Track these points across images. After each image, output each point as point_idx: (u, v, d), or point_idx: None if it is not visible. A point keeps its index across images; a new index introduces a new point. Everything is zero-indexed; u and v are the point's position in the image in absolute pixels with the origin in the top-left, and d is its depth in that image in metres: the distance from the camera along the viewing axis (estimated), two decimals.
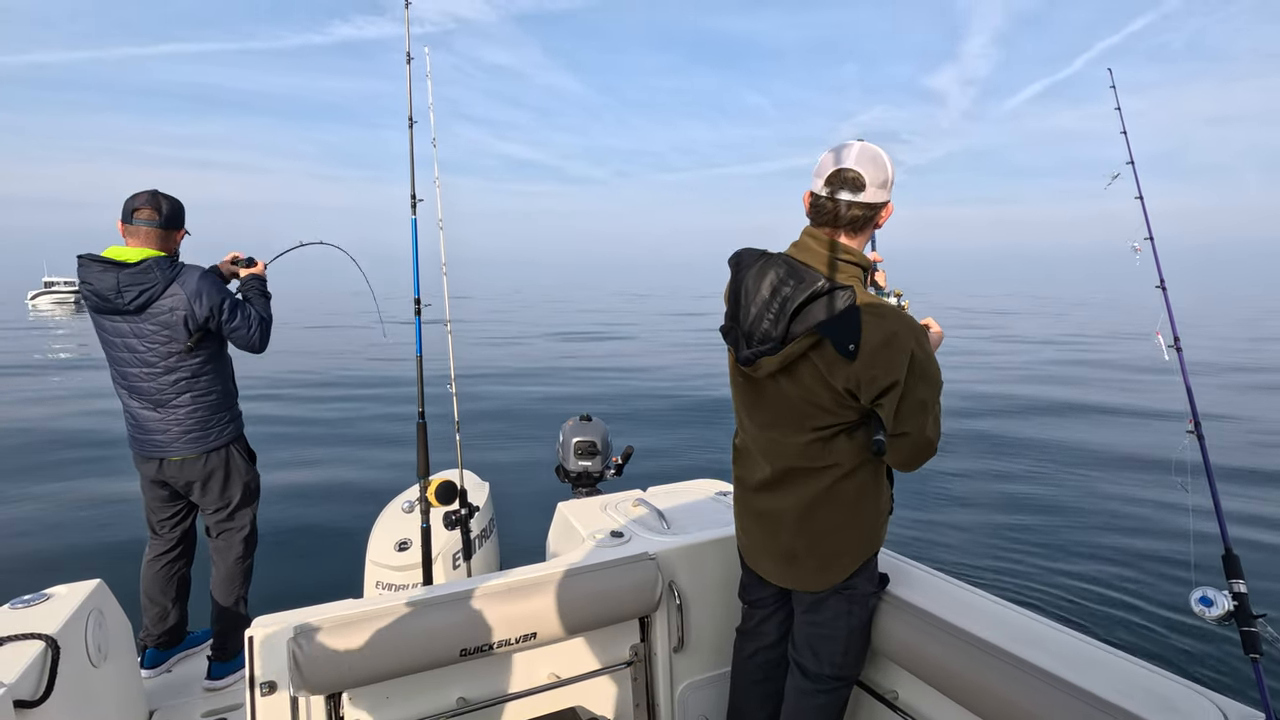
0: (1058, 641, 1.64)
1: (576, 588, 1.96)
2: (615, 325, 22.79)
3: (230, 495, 2.78)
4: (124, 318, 2.54)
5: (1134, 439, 8.36)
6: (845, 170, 1.57)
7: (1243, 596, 1.57)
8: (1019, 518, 5.93)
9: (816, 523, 1.72)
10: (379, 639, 1.74)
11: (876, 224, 1.65)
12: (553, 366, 15.60)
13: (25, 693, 1.61)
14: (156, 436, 2.63)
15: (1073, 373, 14.71)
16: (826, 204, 1.59)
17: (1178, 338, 2.03)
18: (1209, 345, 20.44)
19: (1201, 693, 1.43)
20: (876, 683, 2.02)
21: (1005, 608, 1.82)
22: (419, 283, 2.80)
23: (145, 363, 2.58)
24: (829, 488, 1.67)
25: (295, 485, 6.89)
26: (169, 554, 2.82)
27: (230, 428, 2.76)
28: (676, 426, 9.52)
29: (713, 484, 2.85)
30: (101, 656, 2.04)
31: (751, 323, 1.61)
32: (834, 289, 1.51)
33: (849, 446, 1.64)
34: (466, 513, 2.82)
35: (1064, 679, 1.48)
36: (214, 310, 2.60)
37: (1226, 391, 12.39)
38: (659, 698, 2.16)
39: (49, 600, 1.98)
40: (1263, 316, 34.97)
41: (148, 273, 2.51)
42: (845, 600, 1.79)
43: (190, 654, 2.93)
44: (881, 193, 1.59)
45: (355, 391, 12.22)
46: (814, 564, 1.76)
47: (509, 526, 3.80)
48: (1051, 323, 31.33)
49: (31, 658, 1.68)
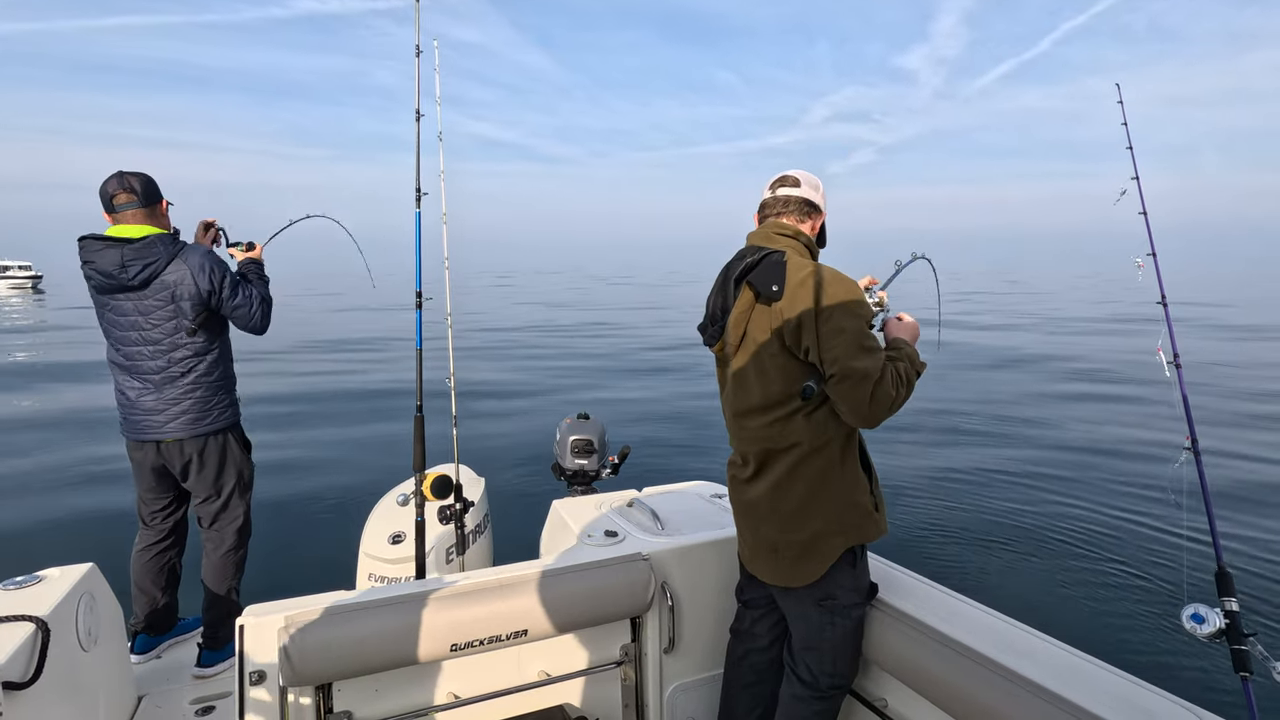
0: (1047, 652, 1.64)
1: (569, 586, 1.96)
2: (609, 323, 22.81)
3: (223, 483, 2.77)
4: (128, 295, 2.55)
5: (1131, 445, 8.36)
6: (786, 176, 1.94)
7: (1234, 615, 1.58)
8: (1013, 524, 5.94)
9: (785, 503, 1.77)
10: (370, 631, 1.74)
11: (814, 225, 1.91)
12: (542, 362, 15.58)
13: (14, 674, 1.61)
14: (154, 417, 2.62)
15: (1068, 368, 14.70)
16: (769, 200, 1.93)
17: (1177, 354, 2.03)
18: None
19: (1189, 708, 1.43)
20: (866, 690, 2.02)
21: (995, 617, 1.82)
22: (421, 275, 2.80)
23: (150, 340, 2.59)
24: (793, 467, 1.75)
25: (289, 474, 6.89)
26: (159, 544, 2.82)
27: (228, 413, 2.76)
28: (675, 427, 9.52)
29: (708, 486, 2.85)
30: (92, 640, 2.04)
31: (712, 306, 1.90)
32: (768, 254, 1.77)
33: (807, 426, 1.73)
34: (461, 507, 2.82)
35: (1051, 690, 1.48)
36: (216, 285, 2.61)
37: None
38: (648, 698, 2.16)
39: (41, 582, 1.98)
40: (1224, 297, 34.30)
41: (151, 248, 2.53)
42: (827, 613, 1.81)
43: (181, 641, 2.92)
44: (814, 194, 1.90)
45: (355, 382, 12.22)
46: (793, 554, 1.79)
47: (504, 523, 3.80)
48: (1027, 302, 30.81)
49: (21, 639, 1.68)
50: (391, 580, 2.90)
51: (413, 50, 2.77)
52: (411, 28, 2.80)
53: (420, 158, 2.77)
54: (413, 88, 2.77)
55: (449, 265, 2.93)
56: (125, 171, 2.61)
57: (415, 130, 2.78)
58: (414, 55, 2.77)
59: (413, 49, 2.77)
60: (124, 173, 2.60)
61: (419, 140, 2.77)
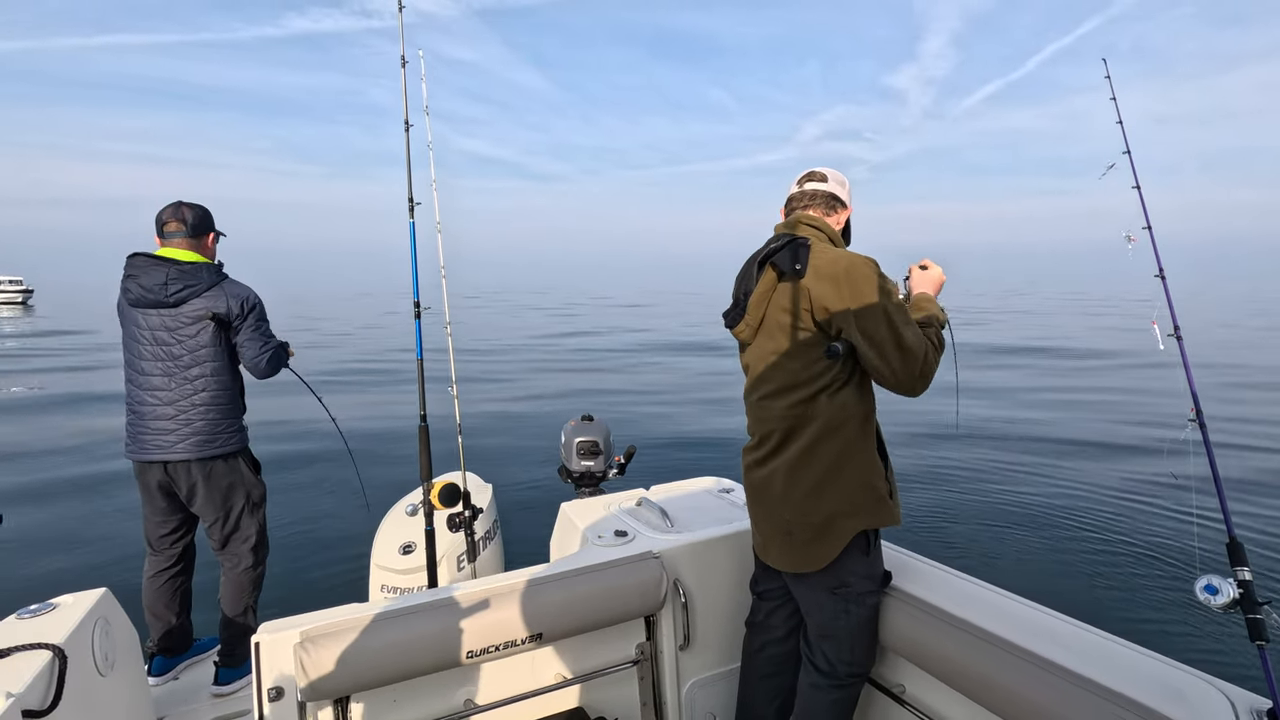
0: (1062, 632, 1.64)
1: (581, 587, 1.96)
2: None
3: (231, 505, 2.77)
4: (160, 311, 2.63)
5: (1134, 428, 8.36)
6: (813, 171, 1.97)
7: (1247, 584, 1.57)
8: (1022, 508, 5.93)
9: (801, 483, 1.77)
10: (385, 643, 1.74)
11: (839, 220, 1.93)
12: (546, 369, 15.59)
13: (33, 702, 1.61)
14: (165, 437, 2.63)
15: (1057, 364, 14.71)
16: (796, 194, 1.96)
17: (1177, 326, 2.02)
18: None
19: (1209, 681, 1.43)
20: (883, 676, 2.02)
21: (1009, 599, 1.82)
22: (418, 285, 2.81)
23: (172, 356, 2.64)
24: (809, 447, 1.76)
25: (297, 489, 6.90)
26: (169, 570, 2.82)
27: (236, 438, 2.77)
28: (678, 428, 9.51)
29: (716, 481, 2.85)
30: (109, 665, 2.05)
31: (736, 291, 1.94)
32: (793, 239, 1.79)
33: (829, 405, 1.74)
34: (470, 515, 2.83)
35: (1069, 669, 1.48)
36: (244, 312, 2.70)
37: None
38: (666, 696, 2.16)
39: (55, 610, 1.99)
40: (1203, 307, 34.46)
41: (197, 273, 2.65)
42: (841, 600, 1.81)
43: (197, 661, 2.93)
44: (840, 189, 1.94)
45: (358, 395, 12.22)
46: (806, 536, 1.78)
47: (512, 528, 3.81)
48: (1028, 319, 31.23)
49: (39, 667, 1.68)
50: (404, 590, 2.91)
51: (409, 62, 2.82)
52: (396, 41, 2.82)
53: (411, 169, 2.79)
54: (410, 97, 2.82)
55: (445, 274, 2.93)
56: (183, 202, 2.74)
57: (405, 140, 2.79)
58: (414, 62, 2.84)
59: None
60: (181, 203, 2.74)
61: (409, 150, 2.78)
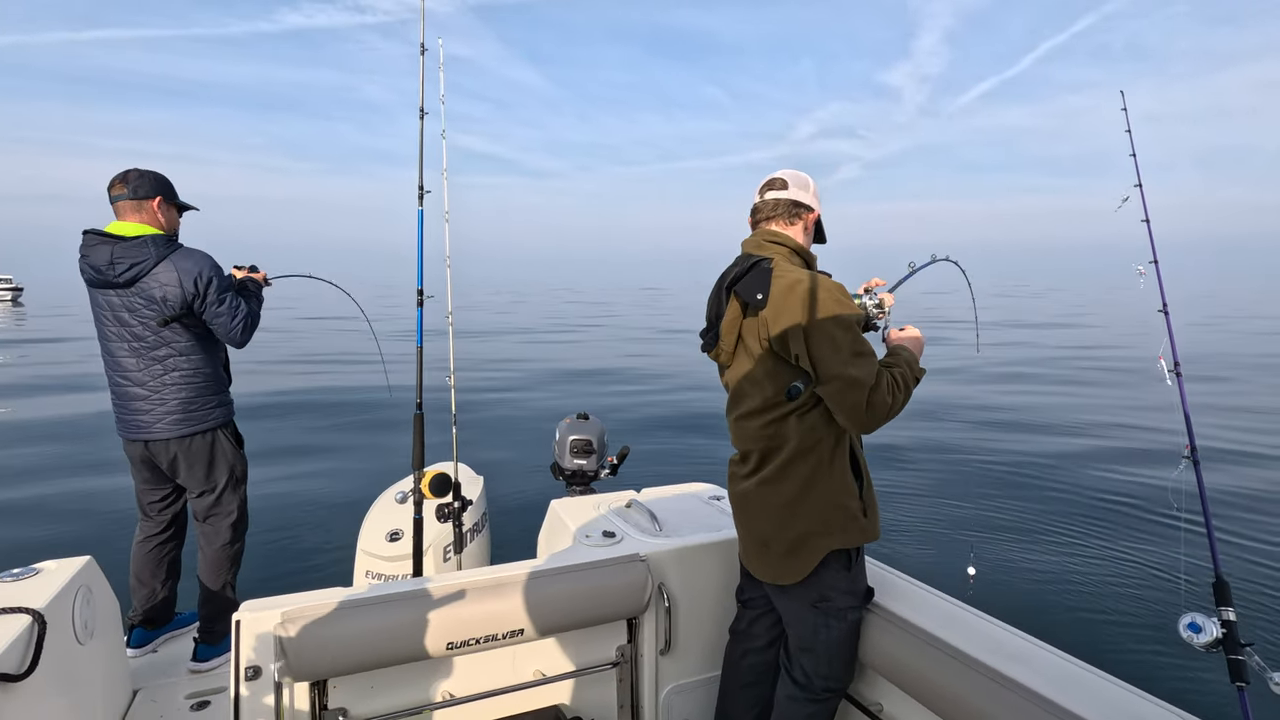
0: (1042, 659, 1.64)
1: (565, 586, 1.96)
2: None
3: (215, 479, 2.76)
4: (116, 291, 2.55)
5: (1129, 459, 8.35)
6: (773, 179, 1.95)
7: (1231, 625, 1.57)
8: (1006, 530, 5.93)
9: (775, 500, 1.80)
10: (366, 629, 1.74)
11: (806, 225, 1.90)
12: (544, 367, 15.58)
13: (9, 666, 1.61)
14: (141, 417, 2.62)
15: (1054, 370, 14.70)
16: (758, 205, 1.94)
17: (1178, 363, 2.02)
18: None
19: (1183, 717, 1.43)
20: (861, 694, 2.02)
21: (991, 623, 1.81)
22: (423, 274, 2.80)
23: (135, 337, 2.58)
24: (783, 467, 1.78)
25: (288, 473, 6.89)
26: (159, 536, 2.82)
27: (217, 412, 2.74)
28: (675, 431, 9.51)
29: (707, 488, 2.85)
30: (88, 633, 2.04)
31: (709, 312, 1.94)
32: (758, 261, 1.79)
33: (799, 427, 1.76)
34: (460, 506, 2.82)
35: (1046, 697, 1.48)
36: (201, 290, 2.57)
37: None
38: (644, 699, 2.16)
39: (38, 575, 1.98)
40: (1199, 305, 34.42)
41: (141, 248, 2.51)
42: (821, 614, 1.82)
43: (177, 635, 2.92)
44: (803, 194, 1.90)
45: (356, 381, 12.22)
46: (781, 550, 1.81)
47: (502, 521, 3.80)
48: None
49: (17, 632, 1.68)
50: (389, 578, 2.90)
51: (403, 58, 2.83)
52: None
53: (423, 156, 2.77)
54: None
55: (450, 264, 2.93)
56: (133, 168, 2.61)
57: (419, 127, 2.79)
58: (418, 53, 2.79)
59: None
60: (130, 169, 2.61)
61: (422, 137, 2.79)
